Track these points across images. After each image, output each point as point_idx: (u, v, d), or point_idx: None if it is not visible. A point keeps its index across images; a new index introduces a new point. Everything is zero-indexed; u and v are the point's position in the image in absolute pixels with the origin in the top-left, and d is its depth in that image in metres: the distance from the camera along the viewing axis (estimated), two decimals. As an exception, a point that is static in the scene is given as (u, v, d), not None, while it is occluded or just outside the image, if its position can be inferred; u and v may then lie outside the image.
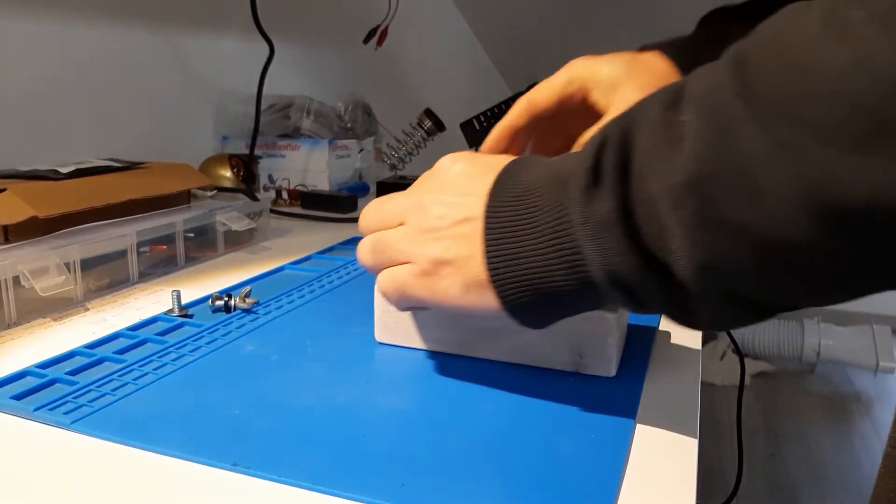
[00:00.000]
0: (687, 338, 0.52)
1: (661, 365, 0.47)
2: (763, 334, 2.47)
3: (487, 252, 0.36)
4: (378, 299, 0.48)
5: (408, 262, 0.40)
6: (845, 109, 0.24)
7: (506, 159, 0.40)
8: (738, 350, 0.96)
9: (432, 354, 0.48)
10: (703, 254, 0.29)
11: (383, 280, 0.42)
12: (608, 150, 0.32)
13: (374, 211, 0.43)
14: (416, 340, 0.48)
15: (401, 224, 0.41)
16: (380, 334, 0.49)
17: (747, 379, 2.44)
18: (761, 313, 0.31)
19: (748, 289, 0.30)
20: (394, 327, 0.49)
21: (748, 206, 0.27)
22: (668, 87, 0.32)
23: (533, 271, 0.35)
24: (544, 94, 0.55)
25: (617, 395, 0.42)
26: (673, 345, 0.50)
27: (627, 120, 0.33)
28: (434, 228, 0.39)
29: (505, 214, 0.36)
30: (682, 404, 0.42)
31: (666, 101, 0.31)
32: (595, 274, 0.33)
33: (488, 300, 0.37)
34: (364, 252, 0.43)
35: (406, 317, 0.48)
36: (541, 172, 0.36)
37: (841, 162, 0.24)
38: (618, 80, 0.53)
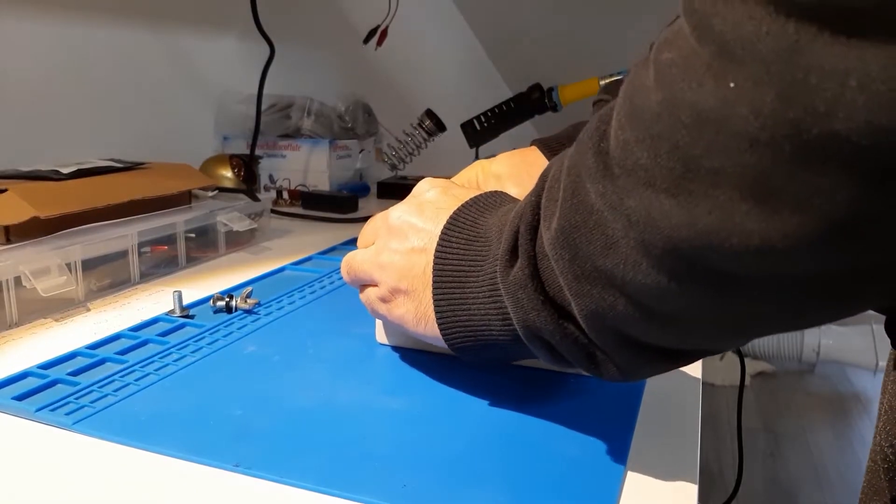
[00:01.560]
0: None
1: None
2: (763, 334, 2.47)
3: (434, 294, 0.38)
4: None
5: (374, 284, 0.43)
6: (663, 151, 0.24)
7: (472, 195, 0.41)
8: (737, 350, 0.96)
9: (432, 354, 0.48)
10: (586, 302, 0.29)
11: (361, 297, 0.45)
12: (526, 208, 0.33)
13: (365, 228, 0.46)
14: (414, 342, 0.48)
15: (372, 244, 0.44)
16: (380, 336, 0.49)
17: (747, 379, 2.44)
18: (673, 358, 0.31)
19: (641, 334, 0.29)
20: (393, 329, 0.49)
21: (606, 256, 0.27)
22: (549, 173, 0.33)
23: (475, 320, 0.37)
24: (462, 181, 0.63)
25: (618, 396, 0.42)
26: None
27: (547, 171, 0.34)
28: (394, 251, 0.41)
29: (454, 258, 0.38)
30: (682, 404, 0.42)
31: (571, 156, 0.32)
32: (518, 329, 0.34)
33: (438, 335, 0.39)
34: (342, 269, 0.46)
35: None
36: (494, 220, 0.37)
37: (662, 204, 0.24)
38: (502, 176, 0.61)
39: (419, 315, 0.40)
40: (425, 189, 0.43)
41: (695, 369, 0.47)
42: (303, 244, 0.80)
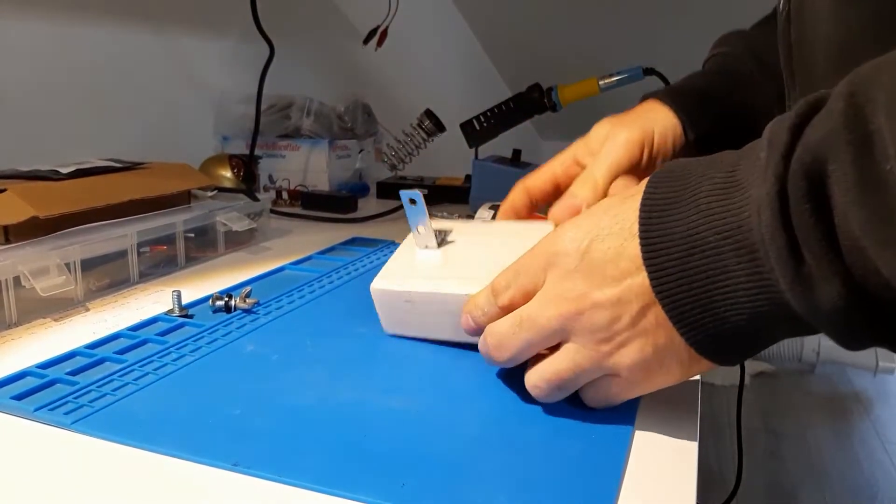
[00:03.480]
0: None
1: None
2: (763, 334, 2.47)
3: (685, 335, 0.33)
4: (376, 300, 0.49)
5: (605, 377, 0.37)
6: None
7: (612, 210, 0.36)
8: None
9: (432, 353, 0.47)
10: None
11: (592, 401, 0.39)
12: (799, 216, 0.28)
13: (508, 340, 0.38)
14: (421, 333, 0.49)
15: (562, 345, 0.37)
16: (386, 327, 0.50)
17: (747, 379, 2.44)
18: None
19: None
20: (398, 323, 0.49)
21: None
22: (834, 122, 0.27)
23: (741, 335, 0.32)
24: (539, 179, 0.58)
25: (617, 396, 0.42)
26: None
27: (804, 167, 0.28)
28: (614, 334, 0.35)
29: (680, 291, 0.33)
30: (682, 404, 0.42)
31: (853, 143, 0.26)
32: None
33: (708, 366, 0.35)
34: (544, 391, 0.38)
35: (407, 314, 0.48)
36: (699, 225, 0.32)
37: None
38: (606, 134, 0.55)
39: (682, 362, 0.35)
40: (567, 246, 0.36)
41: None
42: (302, 244, 0.80)
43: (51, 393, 0.41)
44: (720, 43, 0.63)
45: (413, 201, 0.50)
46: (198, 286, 0.63)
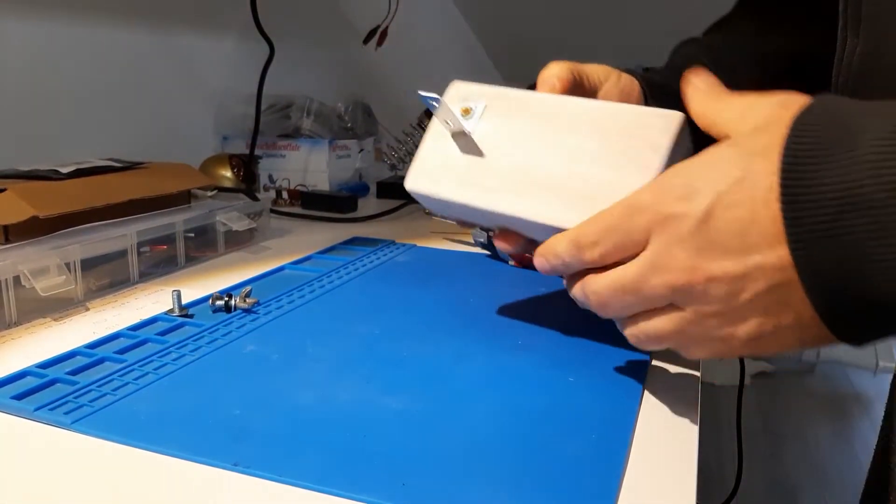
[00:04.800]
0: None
1: (661, 365, 0.47)
2: (763, 334, 2.47)
3: (827, 320, 0.30)
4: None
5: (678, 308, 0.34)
6: None
7: (740, 165, 0.31)
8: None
9: (432, 354, 0.47)
10: None
11: (696, 352, 0.35)
12: None
13: (611, 301, 0.35)
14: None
15: (671, 307, 0.34)
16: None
17: (747, 379, 2.44)
18: None
19: None
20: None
21: None
22: None
23: (890, 311, 0.28)
24: (561, 69, 0.49)
25: (617, 395, 0.42)
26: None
27: None
28: (730, 310, 0.32)
29: (827, 258, 0.28)
30: (682, 404, 0.42)
31: None
32: None
33: (828, 337, 0.31)
34: (642, 342, 0.36)
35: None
36: (863, 179, 0.27)
37: None
38: (603, 76, 0.53)
39: (804, 337, 0.31)
40: (687, 207, 0.32)
41: (694, 369, 0.47)
42: (302, 244, 0.80)
43: (51, 393, 0.41)
44: (675, 50, 0.64)
45: (434, 103, 0.43)
46: (198, 286, 0.63)
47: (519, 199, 0.38)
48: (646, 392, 0.43)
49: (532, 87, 0.48)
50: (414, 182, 0.42)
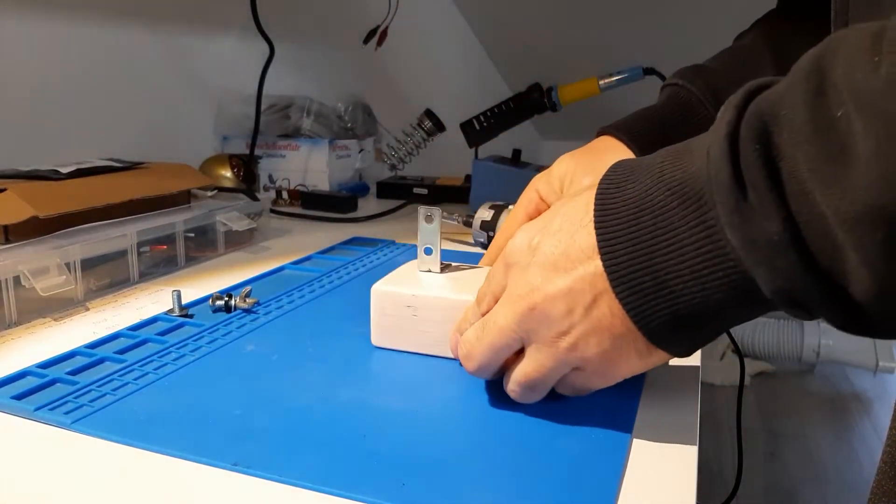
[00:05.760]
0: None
1: (660, 365, 0.47)
2: (763, 334, 2.47)
3: (634, 316, 0.33)
4: (375, 303, 0.48)
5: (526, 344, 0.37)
6: None
7: (562, 208, 0.36)
8: (737, 350, 0.96)
9: (432, 356, 0.47)
10: (886, 281, 0.25)
11: (565, 391, 0.38)
12: (746, 156, 0.28)
13: (475, 347, 0.38)
14: (411, 345, 0.48)
15: (525, 345, 0.37)
16: (376, 338, 0.49)
17: (747, 379, 2.44)
18: None
19: None
20: (391, 331, 0.48)
21: None
22: (799, 64, 0.27)
23: (689, 303, 0.31)
24: (514, 225, 0.55)
25: (617, 395, 0.42)
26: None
27: (758, 111, 0.28)
28: (570, 327, 0.34)
29: (626, 256, 0.32)
30: (681, 404, 0.42)
31: (809, 91, 0.26)
32: (764, 294, 0.29)
33: (661, 357, 0.35)
34: (519, 394, 0.38)
35: (403, 321, 0.47)
36: (650, 186, 0.32)
37: None
38: (569, 172, 0.55)
39: (640, 350, 0.34)
40: (524, 248, 0.36)
41: (694, 369, 0.47)
42: (302, 244, 0.80)
43: (51, 392, 0.41)
44: (676, 75, 0.63)
45: (430, 218, 0.48)
46: (198, 286, 0.63)
47: (466, 293, 0.45)
48: (646, 392, 0.43)
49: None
50: (382, 285, 0.48)
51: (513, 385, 0.38)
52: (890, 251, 0.25)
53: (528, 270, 0.36)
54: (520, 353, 0.38)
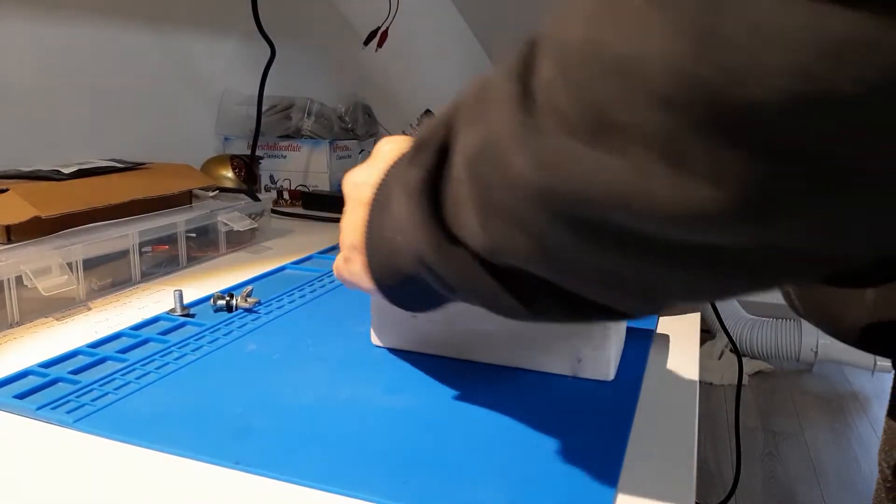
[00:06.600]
0: (685, 337, 0.52)
1: (659, 364, 0.47)
2: (761, 333, 2.48)
3: (365, 232, 0.36)
4: (374, 302, 0.49)
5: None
6: (585, 99, 0.21)
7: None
8: (735, 349, 0.96)
9: (431, 355, 0.48)
10: (490, 238, 0.27)
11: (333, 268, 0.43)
12: (440, 121, 0.30)
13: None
14: (411, 343, 0.48)
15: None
16: (375, 337, 0.49)
17: (745, 378, 2.44)
18: (586, 313, 0.28)
19: (558, 278, 0.27)
20: (390, 330, 0.49)
21: (507, 192, 0.25)
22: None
23: (394, 253, 0.34)
24: None
25: (615, 395, 0.42)
26: (671, 345, 0.51)
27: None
28: (348, 210, 0.39)
29: (378, 195, 0.36)
30: (680, 404, 0.42)
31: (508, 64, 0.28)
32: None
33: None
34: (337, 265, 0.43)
35: (402, 320, 0.48)
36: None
37: (576, 153, 0.22)
38: None
39: (364, 265, 0.37)
40: (381, 145, 0.40)
41: (692, 368, 0.47)
42: (303, 244, 0.80)
43: (53, 392, 0.41)
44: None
45: None
46: (199, 286, 0.64)
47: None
48: (643, 391, 0.43)
49: None
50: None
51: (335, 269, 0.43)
52: (483, 201, 0.26)
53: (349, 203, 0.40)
54: None
